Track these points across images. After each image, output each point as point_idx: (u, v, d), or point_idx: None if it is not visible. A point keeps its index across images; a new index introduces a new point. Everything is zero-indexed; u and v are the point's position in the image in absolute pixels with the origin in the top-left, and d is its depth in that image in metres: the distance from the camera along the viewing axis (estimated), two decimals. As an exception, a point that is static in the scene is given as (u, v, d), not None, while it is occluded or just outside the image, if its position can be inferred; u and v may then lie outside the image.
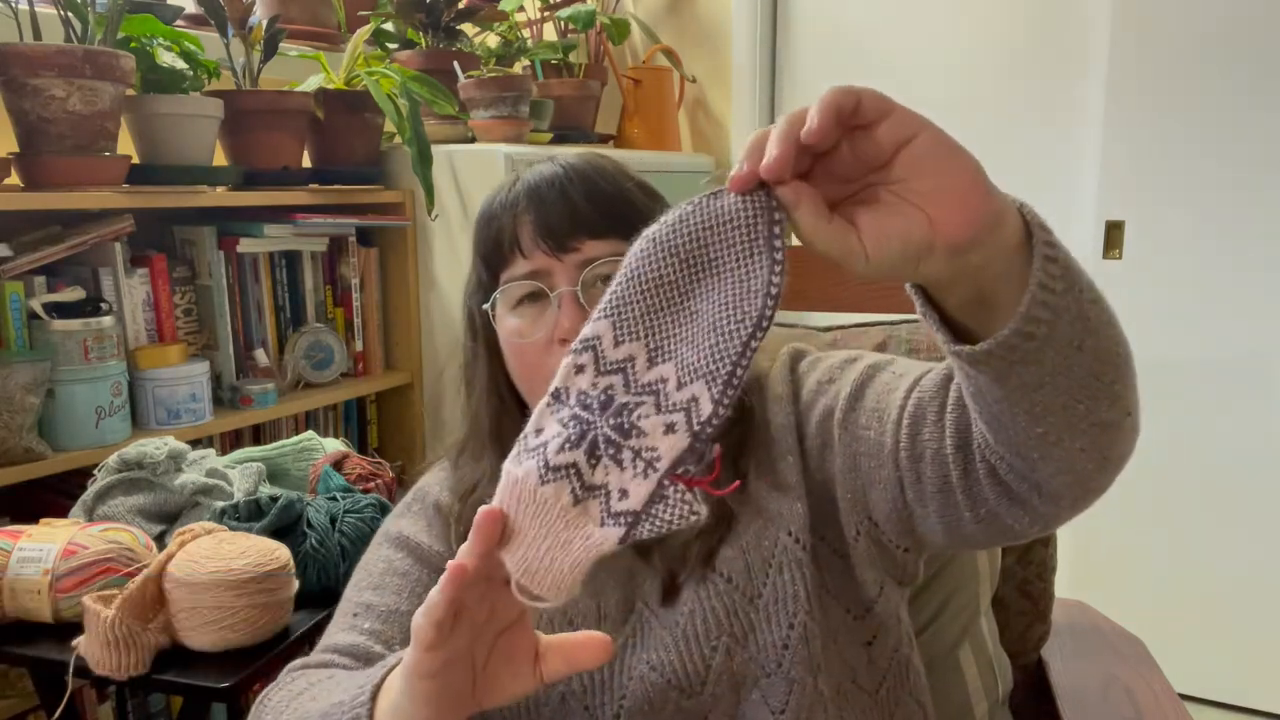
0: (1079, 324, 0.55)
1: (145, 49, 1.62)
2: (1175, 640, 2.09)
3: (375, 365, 2.03)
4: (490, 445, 0.82)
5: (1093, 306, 0.56)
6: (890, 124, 0.51)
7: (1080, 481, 0.61)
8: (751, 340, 0.50)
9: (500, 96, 2.02)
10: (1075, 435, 0.58)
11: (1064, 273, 0.53)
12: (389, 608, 0.80)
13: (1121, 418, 0.59)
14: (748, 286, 0.50)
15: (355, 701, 0.63)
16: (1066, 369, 0.56)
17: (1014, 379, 0.55)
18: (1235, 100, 2.07)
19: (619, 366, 0.51)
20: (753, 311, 0.50)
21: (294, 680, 0.75)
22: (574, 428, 0.51)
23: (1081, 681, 1.11)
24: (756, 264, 0.50)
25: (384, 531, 0.87)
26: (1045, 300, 0.52)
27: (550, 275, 0.77)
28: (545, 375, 0.75)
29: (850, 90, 0.50)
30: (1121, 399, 0.59)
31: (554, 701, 0.76)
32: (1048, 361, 0.55)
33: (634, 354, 0.51)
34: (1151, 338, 2.21)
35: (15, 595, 1.06)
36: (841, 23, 2.49)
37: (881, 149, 0.51)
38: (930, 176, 0.50)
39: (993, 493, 0.64)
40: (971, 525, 0.67)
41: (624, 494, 0.50)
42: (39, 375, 1.40)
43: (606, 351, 0.51)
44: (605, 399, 0.51)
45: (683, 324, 0.51)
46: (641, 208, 0.79)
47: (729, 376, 0.50)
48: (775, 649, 0.74)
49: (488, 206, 0.80)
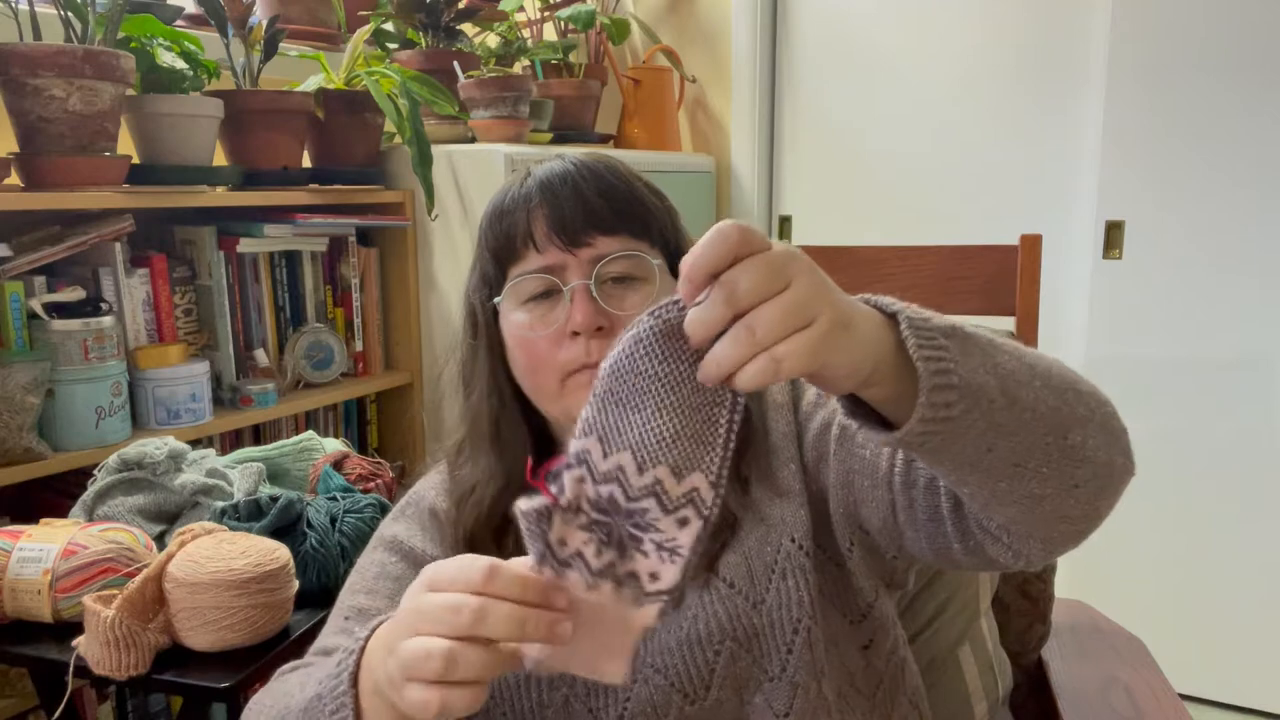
0: (987, 434, 0.56)
1: (145, 49, 1.62)
2: (1175, 640, 2.10)
3: (375, 365, 2.03)
4: (490, 446, 0.82)
5: (1008, 411, 0.56)
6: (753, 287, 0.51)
7: (1046, 540, 0.63)
8: (732, 424, 0.53)
9: (500, 96, 2.02)
10: (1013, 506, 0.60)
11: (961, 397, 0.54)
12: (380, 611, 0.79)
13: (1062, 491, 0.60)
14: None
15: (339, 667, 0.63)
16: (980, 460, 0.58)
17: (935, 462, 0.58)
18: (1235, 100, 2.07)
19: (612, 476, 0.54)
20: (725, 396, 0.53)
21: (279, 681, 0.76)
22: (599, 531, 0.54)
23: (1081, 681, 1.11)
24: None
25: (379, 535, 0.87)
26: (933, 428, 0.54)
27: (564, 270, 0.76)
28: (553, 367, 0.75)
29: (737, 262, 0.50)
30: (1055, 478, 0.59)
31: (557, 704, 0.76)
32: (957, 455, 0.57)
33: (623, 464, 0.54)
34: (1151, 338, 2.21)
35: (15, 595, 1.06)
36: (842, 23, 2.49)
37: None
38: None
39: (977, 528, 0.65)
40: (960, 554, 0.68)
41: (655, 577, 0.55)
42: (39, 375, 1.40)
43: (598, 464, 0.54)
44: (613, 504, 0.54)
45: (663, 425, 0.53)
46: (650, 206, 0.80)
47: (720, 462, 0.54)
48: (779, 654, 0.74)
49: (499, 202, 0.80)
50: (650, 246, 0.79)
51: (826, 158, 2.57)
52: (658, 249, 0.80)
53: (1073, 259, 2.26)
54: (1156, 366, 2.22)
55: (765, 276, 0.49)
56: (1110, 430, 0.61)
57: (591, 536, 0.55)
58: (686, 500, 0.54)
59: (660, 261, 0.79)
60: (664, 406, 0.53)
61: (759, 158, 2.62)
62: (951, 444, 0.56)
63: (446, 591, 0.54)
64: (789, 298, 0.49)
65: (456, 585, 0.54)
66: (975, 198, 2.37)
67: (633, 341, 0.53)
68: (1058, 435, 0.58)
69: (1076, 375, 0.62)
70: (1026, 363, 0.59)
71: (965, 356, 0.55)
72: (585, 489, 0.54)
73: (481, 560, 0.54)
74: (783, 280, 0.49)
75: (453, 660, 0.52)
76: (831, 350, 0.50)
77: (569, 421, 0.78)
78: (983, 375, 0.55)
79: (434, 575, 0.56)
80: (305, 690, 0.67)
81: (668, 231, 0.81)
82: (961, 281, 1.21)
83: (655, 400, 0.53)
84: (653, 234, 0.79)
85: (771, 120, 2.63)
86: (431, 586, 0.55)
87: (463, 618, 0.52)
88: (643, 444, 0.54)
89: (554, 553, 0.55)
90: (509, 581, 0.53)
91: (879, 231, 2.47)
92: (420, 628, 0.54)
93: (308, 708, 0.65)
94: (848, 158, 2.53)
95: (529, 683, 0.77)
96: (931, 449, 0.56)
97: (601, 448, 0.54)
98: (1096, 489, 0.61)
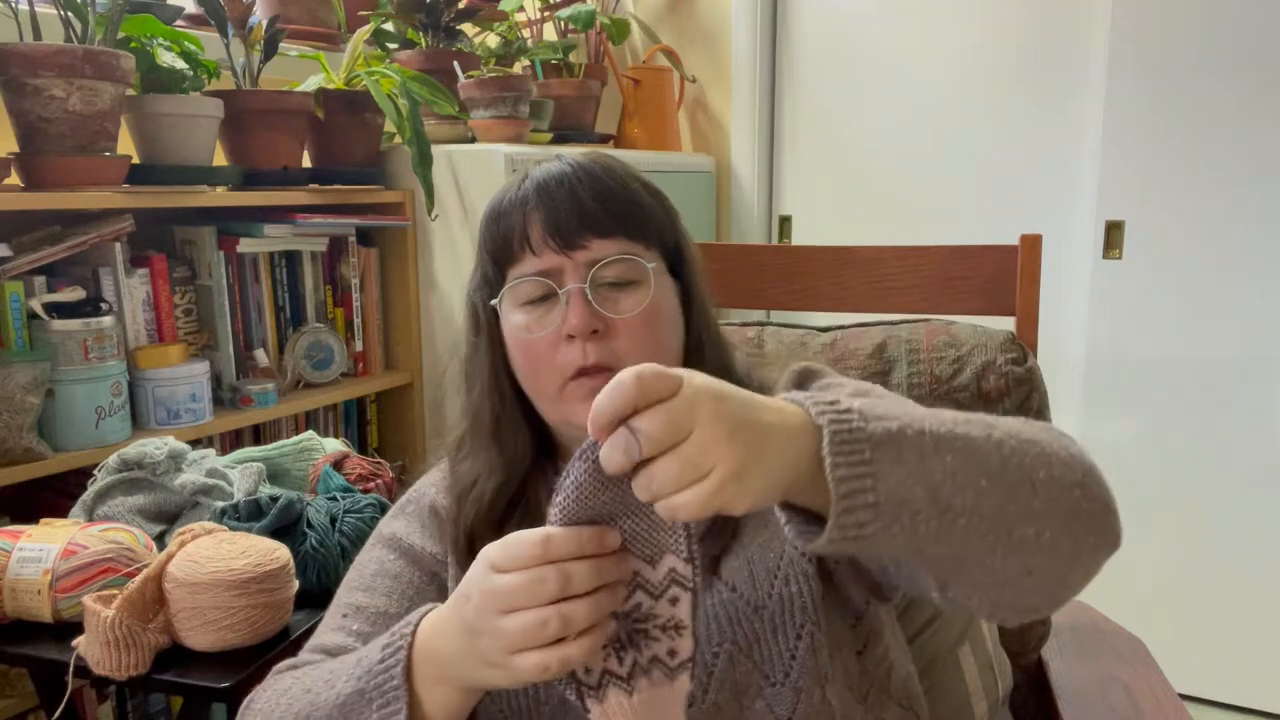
0: (912, 541, 0.57)
1: (145, 49, 1.62)
2: (1175, 640, 2.10)
3: (375, 365, 2.04)
4: (490, 442, 0.82)
5: (937, 521, 0.56)
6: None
7: (1015, 610, 0.64)
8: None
9: (500, 96, 2.02)
10: (964, 586, 0.62)
11: (878, 516, 0.54)
12: (378, 609, 0.80)
13: (1014, 578, 0.61)
14: None
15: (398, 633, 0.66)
16: (914, 557, 0.60)
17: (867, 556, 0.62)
18: (1235, 101, 2.07)
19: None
20: None
21: (280, 679, 0.75)
22: (611, 644, 0.60)
23: (1081, 681, 1.11)
24: None
25: (378, 532, 0.87)
26: (848, 545, 0.55)
27: (560, 273, 0.76)
28: (551, 370, 0.76)
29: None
30: (1002, 569, 0.60)
31: (554, 701, 0.76)
32: (888, 554, 0.61)
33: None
34: (1151, 338, 2.21)
35: (15, 595, 1.06)
36: (841, 22, 2.49)
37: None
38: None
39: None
40: (940, 601, 0.69)
41: (674, 654, 0.61)
42: (39, 375, 1.40)
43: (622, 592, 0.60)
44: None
45: (624, 530, 0.59)
46: (647, 207, 0.80)
47: (686, 539, 0.59)
48: (782, 659, 0.74)
49: (497, 203, 0.80)
50: (647, 248, 0.79)
51: (826, 158, 2.57)
52: (655, 250, 0.80)
53: (1073, 259, 2.26)
54: (1156, 366, 2.22)
55: (664, 428, 0.51)
56: (1079, 515, 0.61)
57: (607, 650, 0.60)
58: (669, 582, 0.60)
59: (656, 265, 0.79)
60: (618, 516, 0.58)
61: (759, 158, 2.62)
62: (875, 549, 0.58)
63: (514, 571, 0.57)
64: (684, 452, 0.51)
65: (522, 561, 0.57)
66: (975, 198, 2.37)
67: (574, 486, 0.57)
68: (1000, 535, 0.58)
69: (1050, 454, 0.61)
70: (978, 458, 0.58)
71: (895, 466, 0.54)
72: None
73: (530, 534, 0.58)
74: (682, 432, 0.51)
75: (567, 619, 0.56)
76: (727, 498, 0.52)
77: (568, 427, 0.79)
78: (909, 488, 0.55)
79: (495, 557, 0.59)
80: (336, 687, 0.68)
81: (665, 232, 0.81)
82: (961, 281, 1.21)
83: (610, 518, 0.58)
84: (649, 235, 0.79)
85: (771, 120, 2.63)
86: (496, 568, 0.58)
87: (550, 586, 0.56)
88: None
89: (588, 684, 0.61)
90: (564, 540, 0.57)
91: (879, 231, 2.47)
92: (512, 605, 0.57)
93: (346, 703, 0.66)
94: (848, 158, 2.53)
95: None
96: (856, 551, 0.58)
97: None
98: (1055, 573, 0.62)
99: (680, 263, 0.83)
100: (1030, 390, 1.12)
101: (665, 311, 0.79)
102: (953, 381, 1.13)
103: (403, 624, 0.66)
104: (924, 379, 1.14)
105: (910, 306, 1.24)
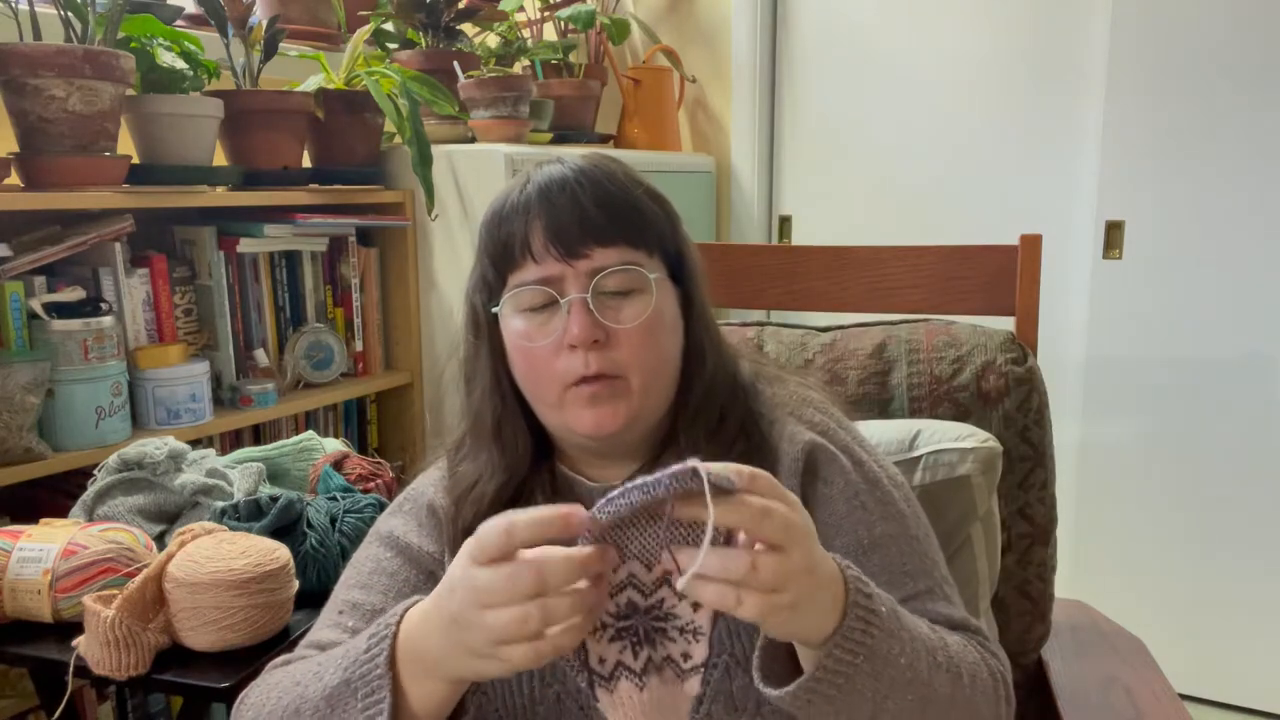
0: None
1: (145, 49, 1.62)
2: (1175, 640, 2.10)
3: (375, 365, 2.04)
4: (491, 443, 0.82)
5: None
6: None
7: None
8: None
9: (500, 96, 2.02)
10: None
11: (826, 706, 0.63)
12: (374, 607, 0.80)
13: None
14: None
15: (381, 625, 0.67)
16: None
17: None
18: (1235, 101, 2.07)
19: (626, 584, 0.61)
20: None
21: (273, 674, 0.76)
22: (628, 636, 0.62)
23: (1081, 681, 1.11)
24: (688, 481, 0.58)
25: (375, 530, 0.87)
26: (799, 703, 0.62)
27: (561, 281, 0.76)
28: (551, 377, 0.76)
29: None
30: None
31: (549, 700, 0.76)
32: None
33: (632, 570, 0.62)
34: (1151, 338, 2.21)
35: (15, 595, 1.06)
36: (841, 23, 2.49)
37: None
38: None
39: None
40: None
41: (688, 657, 0.63)
42: (39, 375, 1.40)
43: (611, 580, 0.61)
44: (632, 606, 0.61)
45: (664, 531, 0.59)
46: (649, 214, 0.79)
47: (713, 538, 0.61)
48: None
49: (498, 208, 0.80)
50: (648, 255, 0.79)
51: (826, 158, 2.57)
52: (656, 257, 0.80)
53: (1073, 259, 2.26)
54: (1156, 366, 2.22)
55: (780, 528, 0.57)
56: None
57: (624, 643, 0.62)
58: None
59: (658, 273, 0.79)
60: (659, 517, 0.59)
61: (759, 158, 2.62)
62: (803, 714, 0.64)
63: (487, 564, 0.58)
64: (788, 564, 0.57)
65: (490, 552, 0.58)
66: (975, 197, 2.37)
67: (629, 507, 0.57)
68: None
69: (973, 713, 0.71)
70: (928, 710, 0.67)
71: (868, 680, 0.62)
72: (606, 606, 0.61)
73: (497, 521, 0.58)
74: (785, 539, 0.57)
75: (548, 613, 0.57)
76: (778, 621, 0.58)
77: (566, 433, 0.79)
78: (864, 700, 0.63)
79: (472, 549, 0.59)
80: (324, 679, 0.68)
81: (667, 239, 0.81)
82: (961, 281, 1.21)
83: (652, 517, 0.59)
84: (651, 243, 0.79)
85: (771, 120, 2.63)
86: (474, 560, 0.59)
87: (525, 583, 0.57)
88: (645, 549, 0.59)
89: (600, 674, 0.62)
90: (528, 525, 0.58)
91: (879, 231, 2.47)
92: (492, 601, 0.58)
93: (332, 694, 0.66)
94: (848, 158, 2.53)
95: (521, 680, 0.77)
96: (792, 711, 0.64)
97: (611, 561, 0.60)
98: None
99: (681, 269, 0.82)
100: (1030, 390, 1.12)
101: (666, 320, 0.79)
102: (953, 381, 1.13)
103: (389, 615, 0.67)
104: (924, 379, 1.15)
105: (910, 306, 1.24)
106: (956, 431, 1.06)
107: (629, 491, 0.57)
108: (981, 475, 1.04)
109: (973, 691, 0.70)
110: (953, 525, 1.04)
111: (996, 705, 0.73)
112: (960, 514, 1.05)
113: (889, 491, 0.81)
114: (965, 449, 1.04)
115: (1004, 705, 0.74)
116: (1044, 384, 1.14)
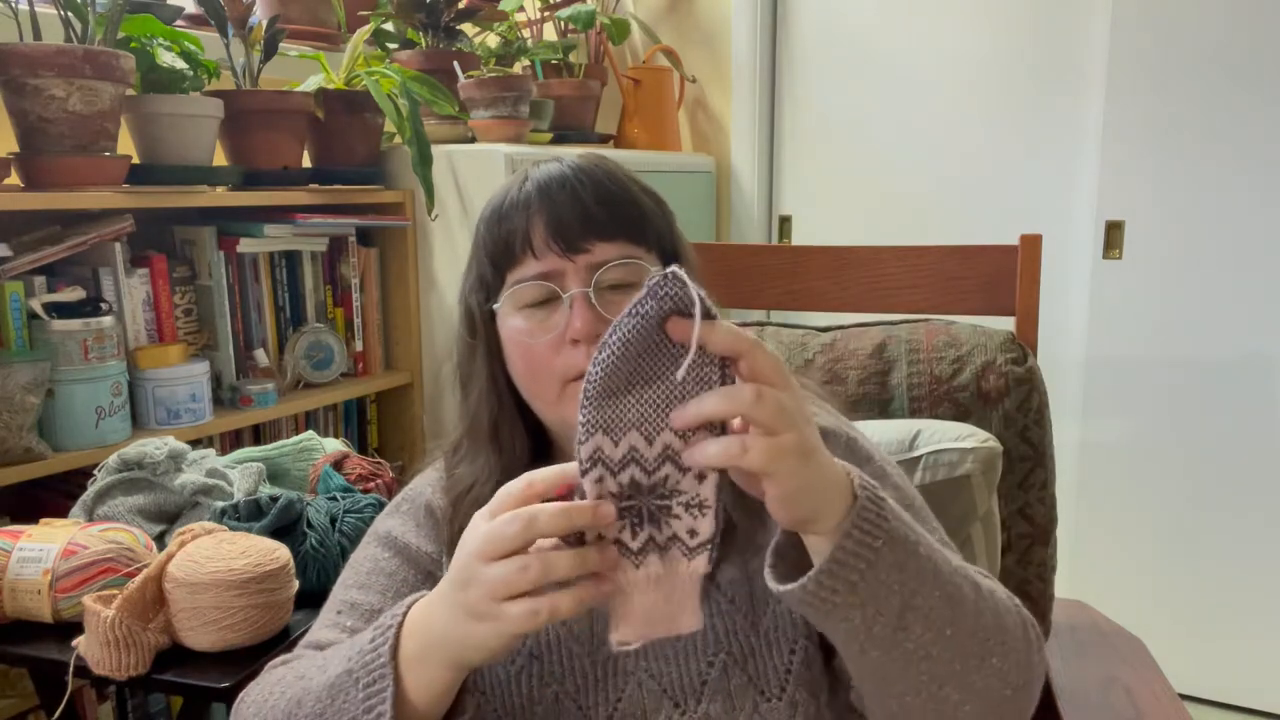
0: (856, 636, 0.62)
1: (145, 49, 1.62)
2: (1175, 640, 2.10)
3: (375, 365, 2.04)
4: (488, 445, 0.82)
5: (884, 633, 0.61)
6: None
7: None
8: (725, 381, 0.57)
9: (500, 96, 2.02)
10: (874, 702, 0.67)
11: (850, 594, 0.59)
12: (372, 607, 0.80)
13: (902, 716, 0.66)
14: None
15: (385, 621, 0.67)
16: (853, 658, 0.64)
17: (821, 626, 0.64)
18: (1235, 100, 2.07)
19: (627, 460, 0.59)
20: (714, 369, 0.58)
21: (273, 673, 0.76)
22: (630, 516, 0.60)
23: (1081, 681, 1.11)
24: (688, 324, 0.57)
25: (373, 530, 0.87)
26: (812, 608, 0.60)
27: (562, 277, 0.76)
28: (551, 373, 0.76)
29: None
30: (898, 709, 0.65)
31: (548, 700, 0.76)
32: (834, 635, 0.63)
33: (633, 443, 0.59)
34: (1151, 338, 2.21)
35: (15, 595, 1.06)
36: (841, 23, 2.49)
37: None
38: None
39: None
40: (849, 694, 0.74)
41: (694, 533, 0.60)
42: (39, 375, 1.40)
43: (611, 456, 0.59)
44: (634, 485, 0.59)
45: (659, 394, 0.58)
46: (647, 210, 0.80)
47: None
48: (778, 675, 0.74)
49: (497, 205, 0.80)
50: (647, 251, 0.79)
51: (826, 158, 2.57)
52: (654, 253, 0.80)
53: (1073, 259, 2.26)
54: (1156, 366, 2.22)
55: (775, 373, 0.57)
56: (1001, 710, 0.67)
57: (624, 522, 0.60)
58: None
59: (657, 268, 0.79)
60: (653, 380, 0.58)
61: (759, 158, 2.62)
62: (824, 622, 0.62)
63: (498, 516, 0.59)
64: (782, 397, 0.56)
65: (507, 502, 0.60)
66: (975, 198, 2.37)
67: (620, 343, 0.57)
68: (932, 681, 0.64)
69: (1013, 649, 0.67)
70: (958, 612, 0.63)
71: (891, 570, 0.60)
72: (606, 485, 0.59)
73: (520, 480, 0.61)
74: (787, 384, 0.57)
75: (548, 565, 0.58)
76: (788, 468, 0.56)
77: (566, 428, 0.79)
78: (890, 593, 0.60)
79: (491, 504, 0.61)
80: (328, 670, 0.68)
81: (664, 236, 0.81)
82: (961, 281, 1.21)
83: (646, 379, 0.58)
84: (649, 238, 0.79)
85: (771, 120, 2.63)
86: (490, 513, 0.61)
87: (515, 526, 0.58)
88: (645, 419, 0.58)
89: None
90: (547, 478, 0.60)
91: (879, 231, 2.47)
92: (490, 551, 0.59)
93: (334, 684, 0.67)
94: (848, 158, 2.53)
95: (519, 679, 0.77)
96: (810, 614, 0.61)
97: (610, 439, 0.59)
98: (982, 710, 0.66)
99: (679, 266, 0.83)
100: (1030, 390, 1.13)
101: None
102: (953, 381, 1.13)
103: (395, 608, 0.68)
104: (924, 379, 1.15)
105: (910, 306, 1.24)
106: (956, 431, 1.06)
107: (618, 326, 0.57)
108: (982, 475, 1.04)
109: (995, 603, 0.67)
110: (953, 525, 1.04)
111: (1025, 630, 0.69)
112: (960, 514, 1.05)
113: (899, 484, 0.82)
114: (965, 449, 1.04)
115: (1032, 636, 0.71)
116: (1044, 384, 1.14)
